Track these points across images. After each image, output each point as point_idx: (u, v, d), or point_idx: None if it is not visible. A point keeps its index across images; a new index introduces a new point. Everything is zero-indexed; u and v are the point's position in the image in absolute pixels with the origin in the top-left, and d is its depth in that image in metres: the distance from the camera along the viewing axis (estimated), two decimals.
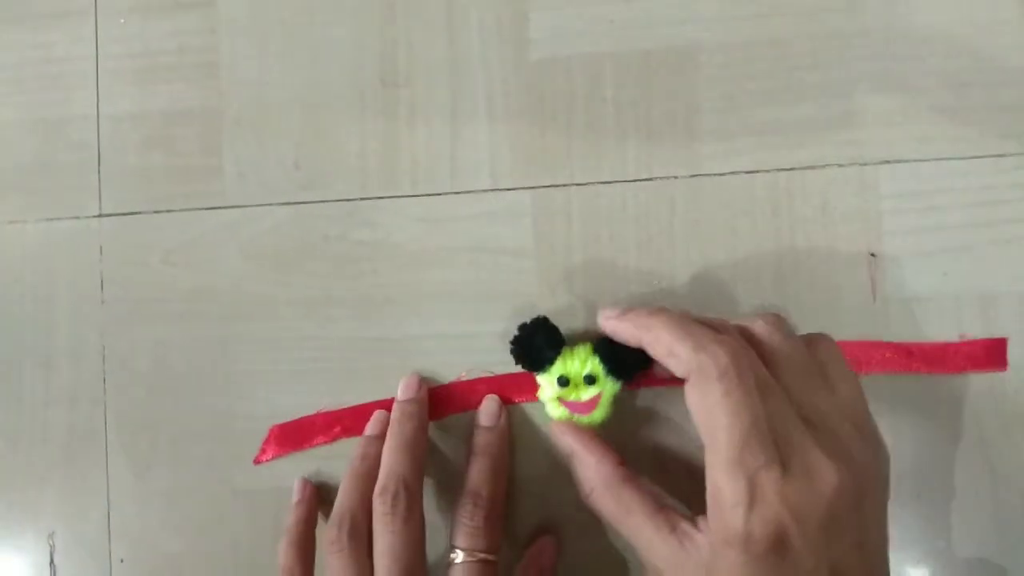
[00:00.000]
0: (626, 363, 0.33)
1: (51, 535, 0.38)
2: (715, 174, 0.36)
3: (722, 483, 0.28)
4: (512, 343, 0.34)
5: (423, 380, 0.36)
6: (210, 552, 0.37)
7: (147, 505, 0.38)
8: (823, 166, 0.35)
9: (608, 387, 0.33)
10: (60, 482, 0.38)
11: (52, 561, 0.38)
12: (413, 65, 0.37)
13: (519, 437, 0.36)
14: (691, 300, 0.35)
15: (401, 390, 0.36)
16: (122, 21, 0.39)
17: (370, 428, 0.36)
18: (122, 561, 0.38)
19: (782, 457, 0.27)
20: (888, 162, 0.35)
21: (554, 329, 0.34)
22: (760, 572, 0.27)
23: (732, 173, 0.35)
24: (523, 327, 0.34)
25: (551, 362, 0.33)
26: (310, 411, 0.37)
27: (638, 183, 0.36)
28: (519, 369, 0.34)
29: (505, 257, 0.36)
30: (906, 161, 0.35)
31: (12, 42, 0.39)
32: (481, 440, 0.35)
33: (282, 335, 0.37)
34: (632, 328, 0.31)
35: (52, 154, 0.39)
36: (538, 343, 0.34)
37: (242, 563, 0.37)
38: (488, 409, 0.36)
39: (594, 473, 0.32)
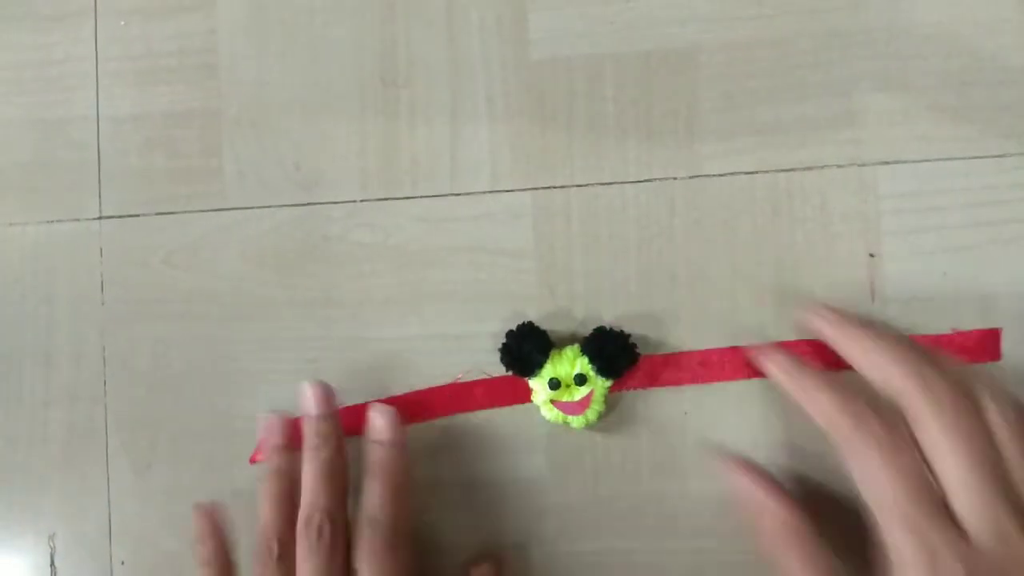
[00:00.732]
0: (615, 360, 0.33)
1: (51, 536, 0.38)
2: (715, 174, 0.36)
3: (898, 543, 0.27)
4: (501, 350, 0.34)
5: (328, 388, 0.35)
6: None
7: (148, 505, 0.38)
8: (823, 166, 0.35)
9: (599, 385, 0.34)
10: (60, 482, 0.38)
11: (53, 563, 0.38)
12: (413, 65, 0.37)
13: (517, 438, 0.36)
14: (691, 300, 0.35)
15: (310, 402, 0.35)
16: (122, 22, 0.39)
17: (271, 437, 0.35)
18: (123, 563, 0.38)
19: (966, 523, 0.27)
20: (888, 162, 0.35)
21: (542, 333, 0.34)
22: None
23: (732, 173, 0.35)
24: (510, 334, 0.34)
25: (541, 366, 0.34)
26: None
27: (638, 184, 0.36)
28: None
29: (505, 258, 0.36)
30: (906, 161, 0.35)
31: (12, 43, 0.40)
32: (375, 457, 0.34)
33: (282, 335, 0.37)
34: (796, 394, 0.32)
35: (52, 155, 0.39)
36: (527, 348, 0.34)
37: (243, 562, 0.37)
38: (377, 422, 0.34)
39: (780, 523, 0.31)
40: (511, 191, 0.36)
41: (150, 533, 0.38)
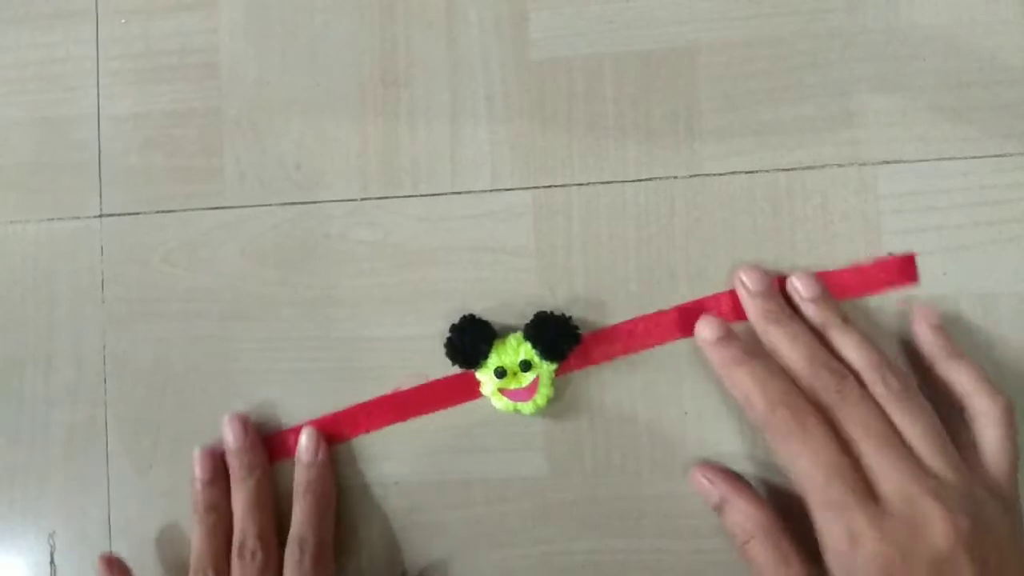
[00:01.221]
0: (557, 343, 0.34)
1: (52, 534, 0.38)
2: (715, 174, 0.36)
3: (820, 525, 0.29)
4: (445, 345, 0.35)
5: (245, 419, 0.36)
6: None
7: (148, 504, 0.38)
8: (823, 166, 0.35)
9: (544, 369, 0.34)
10: (61, 481, 0.38)
11: (52, 560, 0.38)
12: (413, 65, 0.37)
13: (517, 438, 0.36)
14: (691, 299, 0.35)
15: (229, 437, 0.36)
16: (123, 21, 0.39)
17: (202, 472, 0.36)
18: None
19: (879, 497, 0.29)
20: (888, 162, 0.35)
21: (484, 324, 0.35)
22: None
23: (732, 173, 0.36)
24: (453, 327, 0.35)
25: (485, 356, 0.34)
26: (310, 411, 0.37)
27: (638, 183, 0.36)
28: (456, 370, 0.35)
29: (505, 257, 0.36)
30: (906, 161, 0.35)
31: (14, 42, 0.40)
32: (302, 478, 0.36)
33: (282, 335, 0.37)
34: (720, 369, 0.33)
35: (53, 154, 0.39)
36: (469, 340, 0.34)
37: None
38: (304, 444, 0.36)
39: (753, 521, 0.32)
40: (511, 190, 0.36)
41: (150, 532, 0.38)
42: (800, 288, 0.33)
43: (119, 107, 0.39)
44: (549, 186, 0.36)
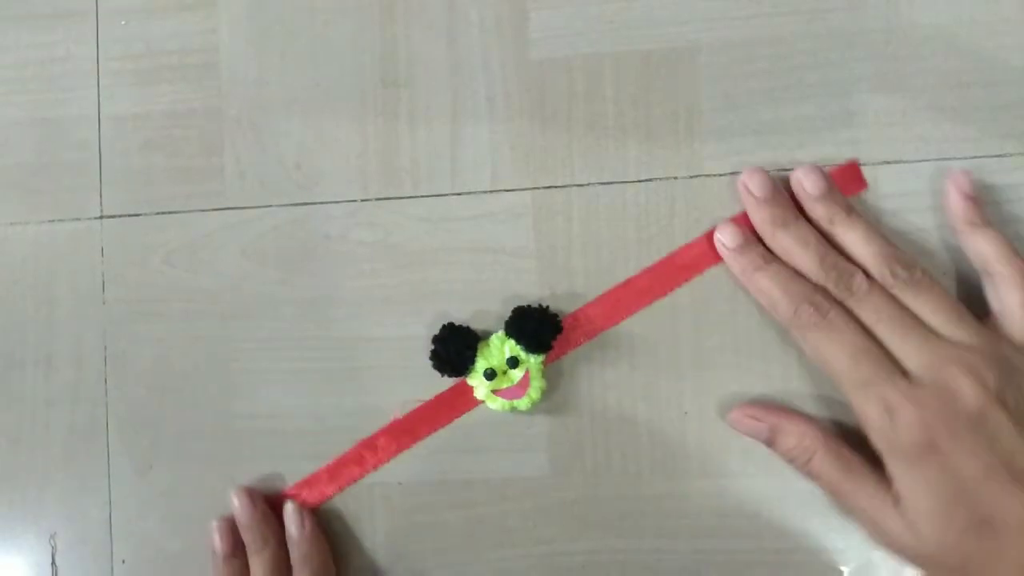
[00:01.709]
0: (539, 335, 0.34)
1: (52, 536, 0.38)
2: (715, 174, 0.36)
3: (856, 406, 0.30)
4: (431, 357, 0.34)
5: (252, 492, 0.36)
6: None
7: (148, 505, 0.38)
8: (823, 166, 0.35)
9: (532, 363, 0.34)
10: (61, 482, 0.38)
11: (54, 562, 0.38)
12: (413, 65, 0.37)
13: (517, 438, 0.36)
14: (691, 299, 0.35)
15: (238, 512, 0.36)
16: (123, 22, 0.39)
17: (222, 546, 0.36)
18: (123, 562, 0.38)
19: (907, 370, 0.30)
20: (888, 162, 0.35)
21: (465, 330, 0.35)
22: (922, 475, 0.29)
23: (732, 173, 0.36)
24: (435, 338, 0.35)
25: (472, 361, 0.34)
26: (309, 411, 0.37)
27: (638, 183, 0.36)
28: (449, 382, 0.35)
29: (505, 257, 0.36)
30: (906, 161, 0.35)
31: (13, 42, 0.40)
32: (296, 553, 0.36)
33: (282, 335, 0.37)
34: (741, 276, 0.34)
35: (53, 155, 0.39)
36: (454, 348, 0.34)
37: None
38: (290, 519, 0.36)
39: (810, 437, 0.32)
40: (511, 191, 0.36)
41: (151, 532, 0.38)
42: (807, 185, 0.33)
43: (119, 107, 0.39)
44: (549, 186, 0.36)
